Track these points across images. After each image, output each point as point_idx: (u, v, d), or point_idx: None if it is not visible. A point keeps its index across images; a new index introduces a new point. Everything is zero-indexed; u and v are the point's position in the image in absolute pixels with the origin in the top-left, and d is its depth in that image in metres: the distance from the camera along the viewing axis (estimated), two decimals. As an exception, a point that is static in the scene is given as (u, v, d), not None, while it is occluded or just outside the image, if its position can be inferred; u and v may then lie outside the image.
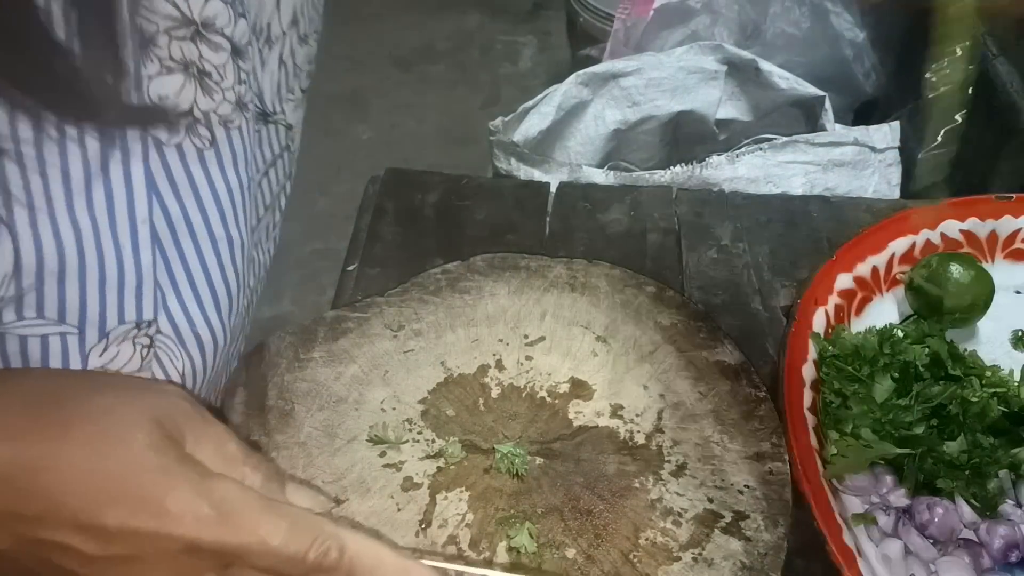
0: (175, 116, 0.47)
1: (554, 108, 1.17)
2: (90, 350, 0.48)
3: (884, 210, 0.87)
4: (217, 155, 0.51)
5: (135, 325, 0.49)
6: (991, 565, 0.60)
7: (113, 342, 0.49)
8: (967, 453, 0.63)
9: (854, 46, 1.39)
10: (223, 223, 0.53)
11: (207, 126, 0.50)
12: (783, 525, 0.59)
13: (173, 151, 0.48)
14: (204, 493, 0.41)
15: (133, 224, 0.47)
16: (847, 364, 0.68)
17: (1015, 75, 1.07)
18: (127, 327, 0.49)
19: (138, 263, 0.48)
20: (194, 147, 0.49)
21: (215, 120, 0.50)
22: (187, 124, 0.48)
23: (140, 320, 0.50)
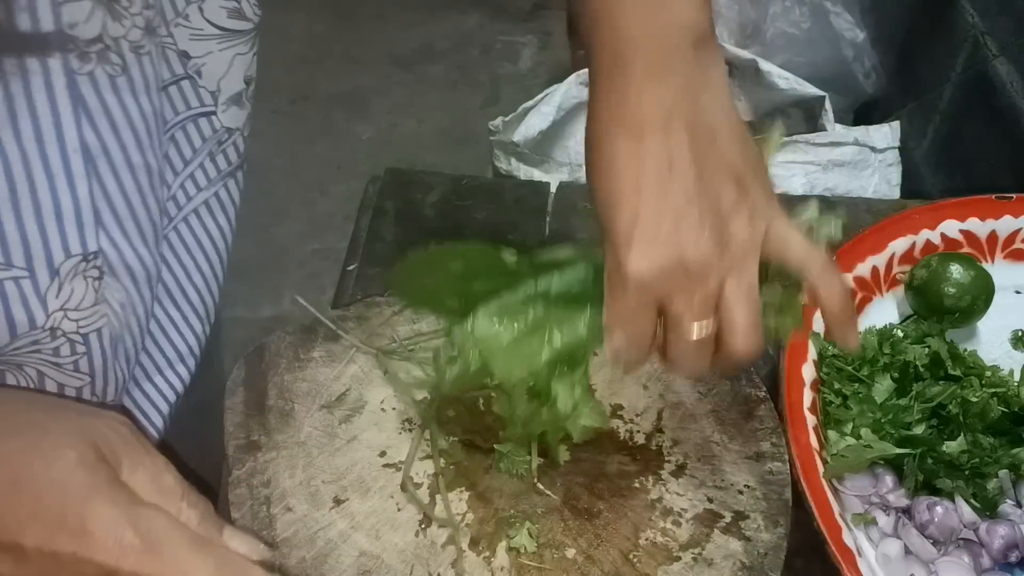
0: (85, 43, 0.46)
1: (554, 108, 1.17)
2: (46, 292, 0.48)
3: (884, 210, 0.87)
4: (129, 82, 0.50)
5: (82, 257, 0.49)
6: (991, 565, 0.60)
7: (66, 280, 0.49)
8: (967, 453, 0.63)
9: (854, 46, 1.39)
10: (140, 150, 0.52)
11: (118, 52, 0.48)
12: (783, 525, 0.59)
13: (86, 79, 0.47)
14: (131, 520, 0.40)
15: (64, 154, 0.47)
16: (847, 364, 0.68)
17: (1015, 75, 1.07)
18: (75, 260, 0.49)
19: (74, 192, 0.47)
20: (106, 75, 0.48)
21: (125, 46, 0.49)
22: (98, 51, 0.47)
23: (86, 252, 0.49)
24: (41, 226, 0.47)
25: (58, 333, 0.50)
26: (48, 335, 0.49)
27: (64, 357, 0.51)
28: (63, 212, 0.48)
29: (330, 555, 0.57)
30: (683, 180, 0.47)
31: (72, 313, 0.50)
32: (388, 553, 0.57)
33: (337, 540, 0.58)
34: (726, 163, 0.48)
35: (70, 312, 0.50)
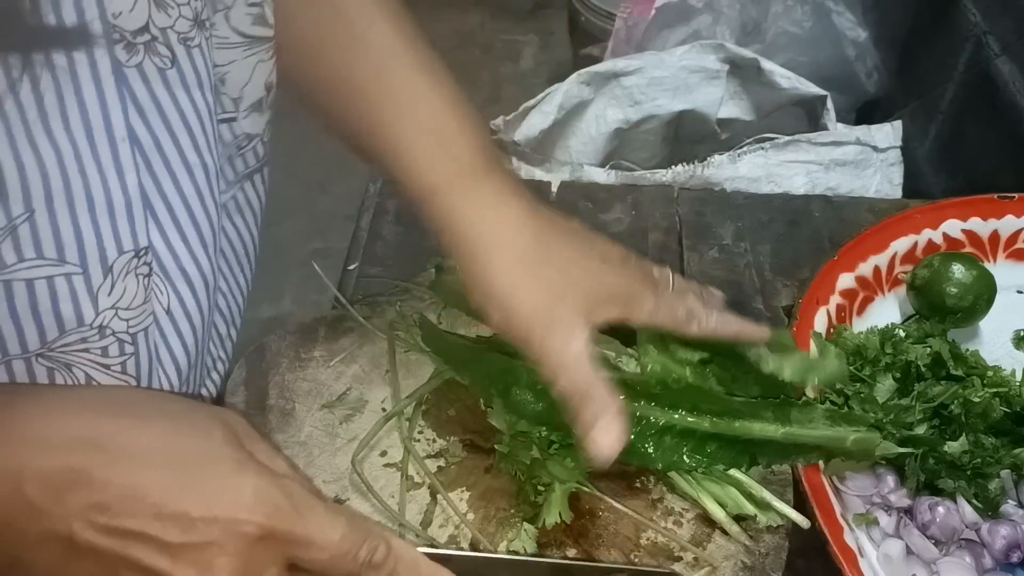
0: (131, 34, 0.46)
1: (555, 107, 1.17)
2: (98, 290, 0.47)
3: (886, 209, 0.87)
4: (180, 75, 0.49)
5: (134, 254, 0.49)
6: (992, 565, 0.60)
7: (118, 278, 0.48)
8: (969, 453, 0.63)
9: (856, 45, 1.39)
10: (195, 149, 0.51)
11: (166, 44, 0.48)
12: (784, 525, 0.58)
13: (135, 72, 0.47)
14: (279, 487, 0.43)
15: (113, 143, 0.46)
16: (849, 364, 0.68)
17: (1017, 74, 1.07)
18: (127, 257, 0.48)
19: (123, 184, 0.47)
20: (155, 67, 0.48)
21: (174, 38, 0.48)
22: (145, 43, 0.47)
23: (138, 248, 0.49)
24: (95, 222, 0.46)
25: (107, 332, 0.49)
26: (97, 333, 0.49)
27: (112, 357, 0.50)
28: (115, 206, 0.47)
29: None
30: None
31: (123, 312, 0.49)
32: (389, 553, 0.57)
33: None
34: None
35: (121, 311, 0.49)
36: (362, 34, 0.60)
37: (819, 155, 1.02)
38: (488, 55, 2.94)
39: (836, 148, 1.02)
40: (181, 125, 0.50)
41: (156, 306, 0.52)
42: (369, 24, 0.60)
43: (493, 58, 2.93)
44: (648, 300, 0.54)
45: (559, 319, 0.51)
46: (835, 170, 1.03)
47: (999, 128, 1.09)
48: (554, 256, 0.54)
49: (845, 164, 1.03)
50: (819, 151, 1.02)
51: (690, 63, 1.20)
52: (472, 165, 0.57)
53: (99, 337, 0.49)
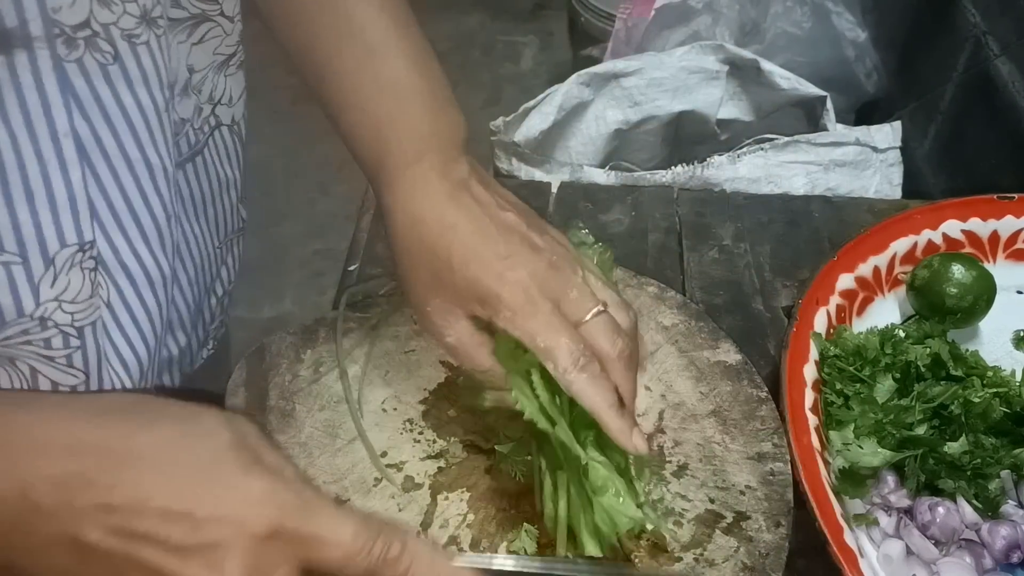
0: (71, 29, 0.46)
1: (555, 108, 1.17)
2: (39, 281, 0.48)
3: (886, 210, 0.87)
4: (123, 72, 0.49)
5: (78, 247, 0.49)
6: (993, 566, 0.60)
7: (61, 271, 0.49)
8: (969, 453, 0.63)
9: (856, 46, 1.39)
10: (137, 144, 0.51)
11: (108, 40, 0.48)
12: (785, 525, 0.59)
13: (75, 67, 0.47)
14: (286, 487, 0.43)
15: (56, 139, 0.47)
16: (849, 364, 0.68)
17: (1017, 75, 1.07)
18: (71, 250, 0.49)
19: (67, 179, 0.47)
20: (96, 63, 0.48)
21: (117, 34, 0.48)
22: (86, 38, 0.47)
23: (82, 242, 0.49)
24: (34, 213, 0.47)
25: (49, 323, 0.49)
26: (38, 324, 0.49)
27: (56, 350, 0.51)
28: (57, 200, 0.47)
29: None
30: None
31: (67, 305, 0.50)
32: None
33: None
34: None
35: (65, 304, 0.50)
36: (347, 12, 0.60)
37: (819, 156, 1.02)
38: (488, 56, 2.94)
39: (836, 149, 1.02)
40: (123, 122, 0.50)
41: (102, 300, 0.52)
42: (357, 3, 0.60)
43: (493, 59, 2.93)
44: (507, 310, 0.54)
45: (436, 308, 0.56)
46: (835, 171, 1.03)
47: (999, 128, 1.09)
48: (444, 248, 0.55)
49: (845, 165, 1.03)
50: (819, 152, 1.02)
51: (690, 64, 1.20)
52: (402, 153, 0.58)
53: (41, 329, 0.49)
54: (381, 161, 0.59)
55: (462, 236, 0.55)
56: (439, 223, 0.56)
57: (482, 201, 0.57)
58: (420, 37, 0.62)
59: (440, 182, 0.57)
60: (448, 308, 0.56)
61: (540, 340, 0.53)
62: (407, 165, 0.58)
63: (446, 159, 0.58)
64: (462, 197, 0.57)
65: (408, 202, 0.57)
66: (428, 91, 0.60)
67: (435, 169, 0.58)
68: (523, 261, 0.54)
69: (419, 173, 0.58)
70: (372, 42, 0.60)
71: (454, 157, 0.59)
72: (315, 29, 0.60)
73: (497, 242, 0.55)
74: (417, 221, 0.57)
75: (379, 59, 0.59)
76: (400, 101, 0.59)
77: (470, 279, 0.54)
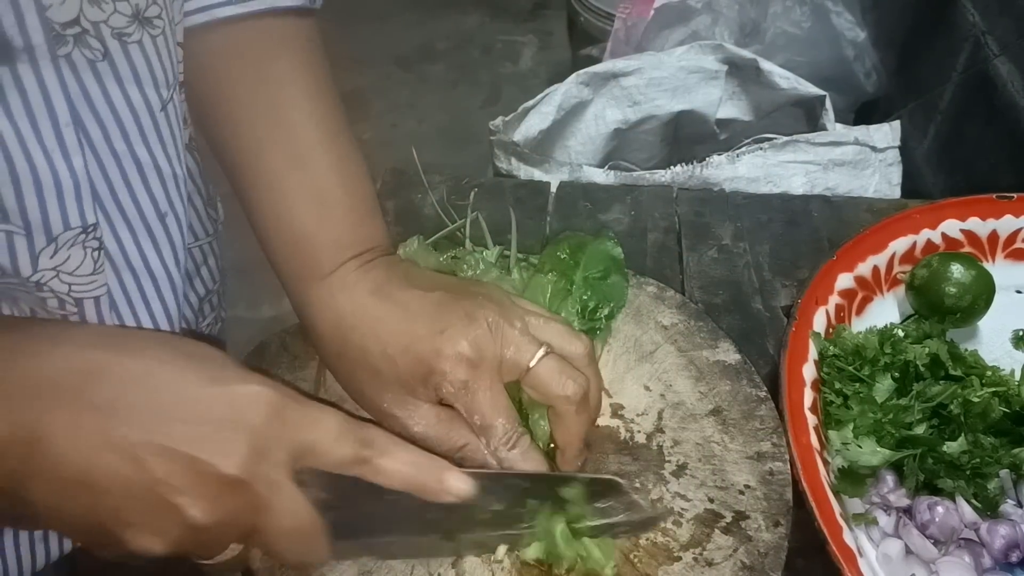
0: (60, 26, 0.46)
1: (554, 108, 1.17)
2: (40, 252, 0.49)
3: (885, 209, 0.87)
4: (112, 68, 0.50)
5: (82, 230, 0.50)
6: (992, 565, 0.60)
7: (63, 246, 0.50)
8: (968, 453, 0.63)
9: (855, 46, 1.39)
10: (125, 140, 0.52)
11: (98, 37, 0.48)
12: (784, 525, 0.59)
13: (64, 61, 0.47)
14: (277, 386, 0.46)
15: (57, 128, 0.47)
16: (848, 364, 0.68)
17: (1016, 75, 1.07)
18: (74, 232, 0.50)
19: (70, 165, 0.48)
20: (85, 59, 0.48)
21: (107, 32, 0.49)
22: (75, 35, 0.47)
23: (85, 225, 0.50)
24: (41, 200, 0.48)
25: (44, 288, 0.50)
26: (33, 287, 0.50)
27: (52, 309, 0.52)
28: (63, 186, 0.48)
29: (330, 555, 0.57)
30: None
31: (65, 276, 0.51)
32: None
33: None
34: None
35: (63, 275, 0.51)
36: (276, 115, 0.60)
37: (818, 155, 1.02)
38: (487, 56, 2.94)
39: (835, 148, 1.03)
40: (111, 116, 0.51)
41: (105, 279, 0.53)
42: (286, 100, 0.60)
43: (492, 59, 2.93)
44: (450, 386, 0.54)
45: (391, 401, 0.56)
46: (834, 170, 1.03)
47: (998, 128, 1.09)
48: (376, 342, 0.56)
49: (844, 164, 1.03)
50: (818, 151, 1.02)
51: (689, 64, 1.21)
52: (319, 266, 0.59)
53: (36, 289, 0.50)
54: (299, 274, 0.59)
55: (393, 325, 0.56)
56: (365, 319, 0.57)
57: (406, 289, 0.58)
58: (349, 142, 0.62)
59: (359, 283, 0.58)
60: (405, 398, 0.56)
61: (478, 419, 0.55)
62: (324, 275, 0.58)
63: (363, 262, 0.59)
64: (384, 289, 0.58)
65: (329, 307, 0.58)
66: (350, 205, 0.60)
67: (353, 272, 0.58)
68: (460, 332, 0.54)
69: (336, 279, 0.58)
70: (298, 149, 0.59)
71: (370, 260, 0.59)
72: (242, 129, 0.60)
73: (431, 320, 0.55)
74: (342, 324, 0.57)
75: (304, 168, 0.59)
76: (322, 214, 0.59)
77: (412, 363, 0.54)
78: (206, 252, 0.69)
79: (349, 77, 2.67)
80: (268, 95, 0.59)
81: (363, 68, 2.77)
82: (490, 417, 0.54)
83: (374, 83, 2.75)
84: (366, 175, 0.62)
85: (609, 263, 0.70)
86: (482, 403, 0.54)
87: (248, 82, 0.59)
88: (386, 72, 2.82)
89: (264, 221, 0.60)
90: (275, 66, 0.60)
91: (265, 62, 0.60)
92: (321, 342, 0.59)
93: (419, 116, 2.65)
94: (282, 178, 0.59)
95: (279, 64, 0.60)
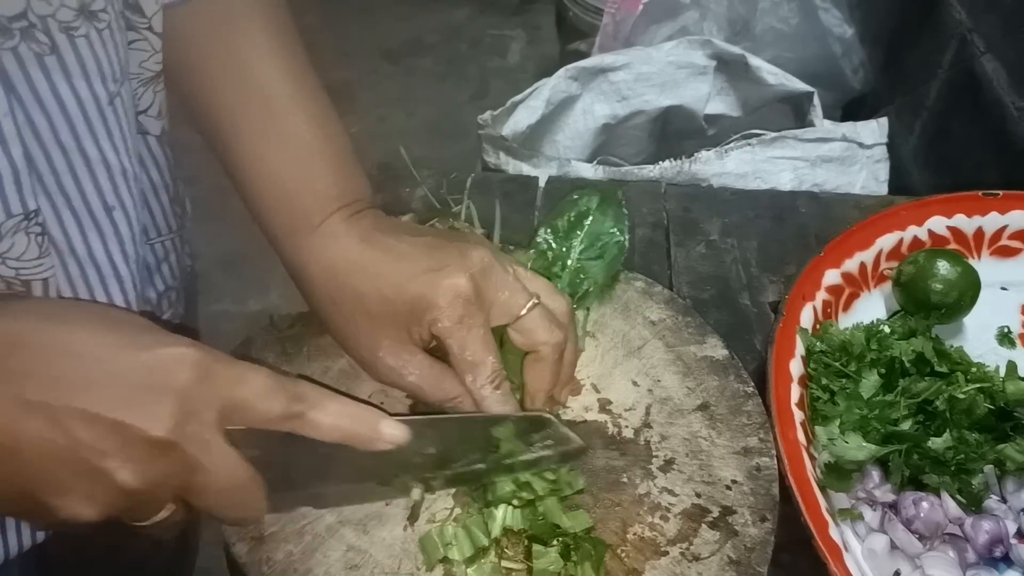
0: (7, 19, 0.46)
1: (543, 102, 1.16)
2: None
3: (872, 206, 0.88)
4: (60, 63, 0.50)
5: (24, 216, 0.50)
6: (976, 560, 0.60)
7: (7, 234, 0.50)
8: (953, 449, 0.64)
9: (843, 42, 1.39)
10: (73, 135, 0.52)
11: (45, 31, 0.48)
12: (770, 520, 0.59)
13: (10, 55, 0.47)
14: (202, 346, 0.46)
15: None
16: (834, 360, 0.69)
17: (1002, 72, 1.08)
18: (16, 219, 0.50)
19: (8, 154, 0.48)
20: (32, 52, 0.48)
21: (54, 26, 0.49)
22: (22, 28, 0.47)
23: (27, 211, 0.50)
24: None
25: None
26: None
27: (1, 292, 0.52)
28: (1, 175, 0.48)
29: (318, 549, 0.57)
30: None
31: (11, 262, 0.51)
32: (376, 548, 0.57)
33: (325, 534, 0.57)
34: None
35: (9, 261, 0.51)
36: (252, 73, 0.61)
37: (805, 151, 1.02)
38: (476, 50, 2.94)
39: (822, 144, 1.03)
40: (58, 110, 0.51)
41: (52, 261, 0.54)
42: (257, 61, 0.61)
43: (481, 53, 2.92)
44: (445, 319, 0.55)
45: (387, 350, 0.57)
46: (821, 166, 1.03)
47: (984, 125, 1.10)
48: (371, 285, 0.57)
49: (831, 160, 1.03)
50: (805, 147, 1.02)
51: (677, 59, 1.20)
52: (308, 217, 0.60)
53: None
54: (288, 228, 0.60)
55: (387, 267, 0.57)
56: (358, 264, 0.57)
57: (396, 235, 0.59)
58: (323, 96, 0.63)
59: (349, 232, 0.59)
60: (399, 347, 0.57)
61: (469, 354, 0.55)
62: (314, 227, 0.59)
63: (351, 212, 0.60)
64: (374, 236, 0.59)
65: (321, 256, 0.59)
66: (334, 156, 0.61)
67: (343, 222, 0.59)
68: (458, 268, 0.55)
69: (326, 229, 0.59)
70: (277, 106, 0.60)
71: (358, 211, 0.60)
72: (219, 90, 0.61)
73: (427, 259, 0.56)
74: (336, 272, 0.58)
75: (284, 123, 0.60)
76: (306, 168, 0.60)
77: (409, 300, 0.55)
78: (168, 248, 0.69)
79: (337, 70, 2.66)
80: (240, 57, 0.60)
81: (351, 61, 2.76)
82: (482, 354, 0.55)
83: (362, 77, 2.74)
84: (344, 131, 0.63)
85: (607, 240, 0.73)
86: (476, 339, 0.55)
87: (219, 47, 0.60)
88: (374, 66, 2.81)
89: (249, 181, 0.61)
90: (244, 28, 0.61)
91: (234, 25, 0.61)
92: (315, 294, 0.59)
93: (407, 110, 2.64)
94: (262, 136, 0.60)
95: (248, 26, 0.61)
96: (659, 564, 0.57)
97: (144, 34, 0.58)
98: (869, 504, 0.63)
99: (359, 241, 0.58)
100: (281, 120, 0.60)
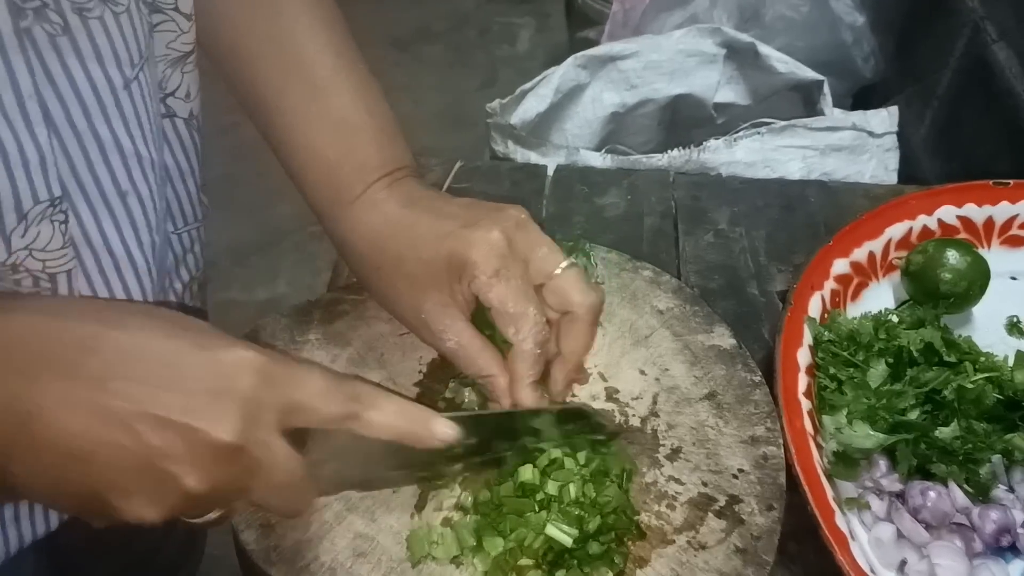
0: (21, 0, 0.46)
1: (552, 90, 1.16)
2: (11, 232, 0.49)
3: (881, 195, 0.87)
4: (72, 44, 0.50)
5: (50, 203, 0.50)
6: (983, 549, 0.60)
7: (32, 223, 0.50)
8: (960, 439, 0.63)
9: (853, 30, 1.38)
10: (85, 116, 0.52)
11: (58, 12, 0.48)
12: (777, 509, 0.59)
13: (24, 35, 0.47)
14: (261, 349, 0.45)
15: (20, 99, 0.47)
16: (842, 349, 0.69)
17: (1014, 60, 1.07)
18: (43, 206, 0.50)
19: (35, 138, 0.48)
20: (45, 33, 0.48)
21: (67, 7, 0.49)
22: (35, 8, 0.47)
23: (53, 197, 0.51)
24: (10, 174, 0.48)
25: (20, 269, 0.51)
26: (9, 270, 0.50)
27: (26, 289, 0.52)
28: (28, 159, 0.48)
29: (325, 537, 0.57)
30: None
31: (38, 253, 0.51)
32: (383, 535, 0.57)
33: (332, 522, 0.58)
34: None
35: (36, 252, 0.51)
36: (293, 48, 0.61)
37: (815, 140, 1.02)
38: (484, 37, 2.93)
39: (832, 133, 1.02)
40: (72, 94, 0.51)
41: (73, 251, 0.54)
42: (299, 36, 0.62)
43: (489, 40, 2.91)
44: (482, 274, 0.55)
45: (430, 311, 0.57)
46: (831, 155, 1.03)
47: (995, 114, 1.09)
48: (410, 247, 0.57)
49: (841, 149, 1.03)
50: (815, 136, 1.02)
51: (687, 47, 1.20)
52: (351, 188, 0.60)
53: (12, 272, 0.51)
54: (331, 200, 0.61)
55: (424, 228, 0.57)
56: (399, 228, 0.58)
57: (435, 199, 0.59)
58: (365, 72, 0.64)
59: (389, 198, 0.60)
60: (443, 309, 0.57)
61: (511, 305, 0.55)
62: (356, 197, 0.60)
63: (392, 181, 0.61)
64: (414, 200, 0.59)
65: (363, 224, 0.59)
66: (375, 127, 0.62)
67: (384, 190, 0.60)
68: (492, 222, 0.56)
69: (367, 198, 0.60)
70: (318, 80, 0.61)
71: (399, 179, 0.61)
72: (261, 66, 0.61)
73: (462, 218, 0.57)
74: (378, 238, 0.59)
75: (325, 97, 0.61)
76: (348, 140, 0.61)
77: (446, 258, 0.55)
78: (193, 238, 0.69)
79: (345, 58, 2.65)
80: (283, 31, 0.61)
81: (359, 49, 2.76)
82: (523, 304, 0.55)
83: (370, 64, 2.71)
84: (385, 101, 0.64)
85: None
86: (515, 291, 0.55)
87: (262, 21, 0.61)
88: (382, 53, 2.80)
89: (293, 154, 0.61)
90: (284, 3, 0.61)
91: (273, 1, 0.61)
92: (359, 261, 0.60)
93: (415, 98, 2.64)
94: (305, 109, 0.60)
95: (288, 1, 0.61)
96: (666, 552, 0.57)
97: (170, 15, 0.58)
98: (876, 493, 0.63)
99: (398, 206, 0.59)
100: (322, 94, 0.61)
